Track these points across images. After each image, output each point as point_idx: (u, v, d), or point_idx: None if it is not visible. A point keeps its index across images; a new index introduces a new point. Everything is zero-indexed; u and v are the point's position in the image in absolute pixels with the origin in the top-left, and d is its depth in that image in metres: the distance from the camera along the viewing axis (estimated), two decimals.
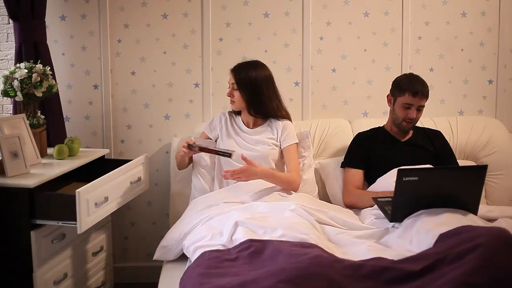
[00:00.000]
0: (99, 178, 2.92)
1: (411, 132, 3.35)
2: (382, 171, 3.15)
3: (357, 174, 3.28)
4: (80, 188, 2.73)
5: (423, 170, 2.85)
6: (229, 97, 3.27)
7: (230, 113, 3.39)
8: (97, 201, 2.86)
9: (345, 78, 3.83)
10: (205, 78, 3.78)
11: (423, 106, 3.21)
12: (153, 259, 2.85)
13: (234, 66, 3.27)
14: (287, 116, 3.34)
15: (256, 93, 3.22)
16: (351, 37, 3.81)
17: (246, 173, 3.03)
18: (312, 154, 3.43)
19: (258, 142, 3.23)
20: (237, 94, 3.23)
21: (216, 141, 3.33)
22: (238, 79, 3.21)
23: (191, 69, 3.78)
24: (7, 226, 2.79)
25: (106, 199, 2.95)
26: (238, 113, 3.36)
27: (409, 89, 3.18)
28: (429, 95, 3.24)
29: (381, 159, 3.23)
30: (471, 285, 2.01)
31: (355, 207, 3.14)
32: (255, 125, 3.31)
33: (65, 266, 3.02)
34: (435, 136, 3.38)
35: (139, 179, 3.32)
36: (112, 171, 3.06)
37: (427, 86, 3.22)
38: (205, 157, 3.32)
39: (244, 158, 3.03)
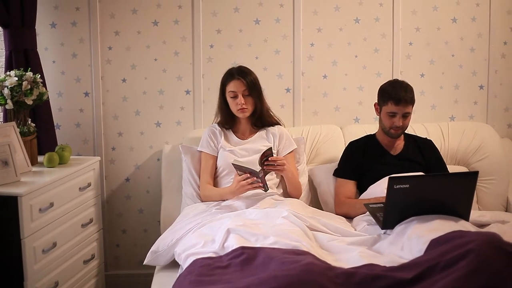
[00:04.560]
0: (44, 183, 2.92)
1: (402, 143, 3.31)
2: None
3: (349, 185, 3.27)
4: (24, 194, 2.74)
5: (414, 177, 2.84)
6: (241, 106, 3.16)
7: (219, 126, 3.32)
8: (41, 206, 2.86)
9: (336, 84, 3.83)
10: (196, 85, 3.78)
11: (409, 113, 3.16)
12: (144, 263, 2.83)
13: (235, 72, 3.20)
14: (277, 121, 3.34)
15: (260, 96, 3.22)
16: (342, 43, 3.81)
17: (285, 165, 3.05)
18: (305, 161, 3.43)
19: (255, 151, 3.18)
20: (249, 100, 3.19)
21: (217, 154, 3.27)
22: (248, 82, 3.16)
23: (182, 76, 3.78)
24: None
25: (52, 204, 2.94)
26: (229, 126, 3.30)
27: (391, 97, 3.12)
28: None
29: (372, 173, 3.20)
30: None
31: (348, 217, 3.13)
32: (249, 135, 3.29)
33: (56, 274, 3.01)
34: (426, 148, 3.34)
35: (89, 185, 3.31)
36: (59, 176, 3.05)
37: (411, 92, 3.15)
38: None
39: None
